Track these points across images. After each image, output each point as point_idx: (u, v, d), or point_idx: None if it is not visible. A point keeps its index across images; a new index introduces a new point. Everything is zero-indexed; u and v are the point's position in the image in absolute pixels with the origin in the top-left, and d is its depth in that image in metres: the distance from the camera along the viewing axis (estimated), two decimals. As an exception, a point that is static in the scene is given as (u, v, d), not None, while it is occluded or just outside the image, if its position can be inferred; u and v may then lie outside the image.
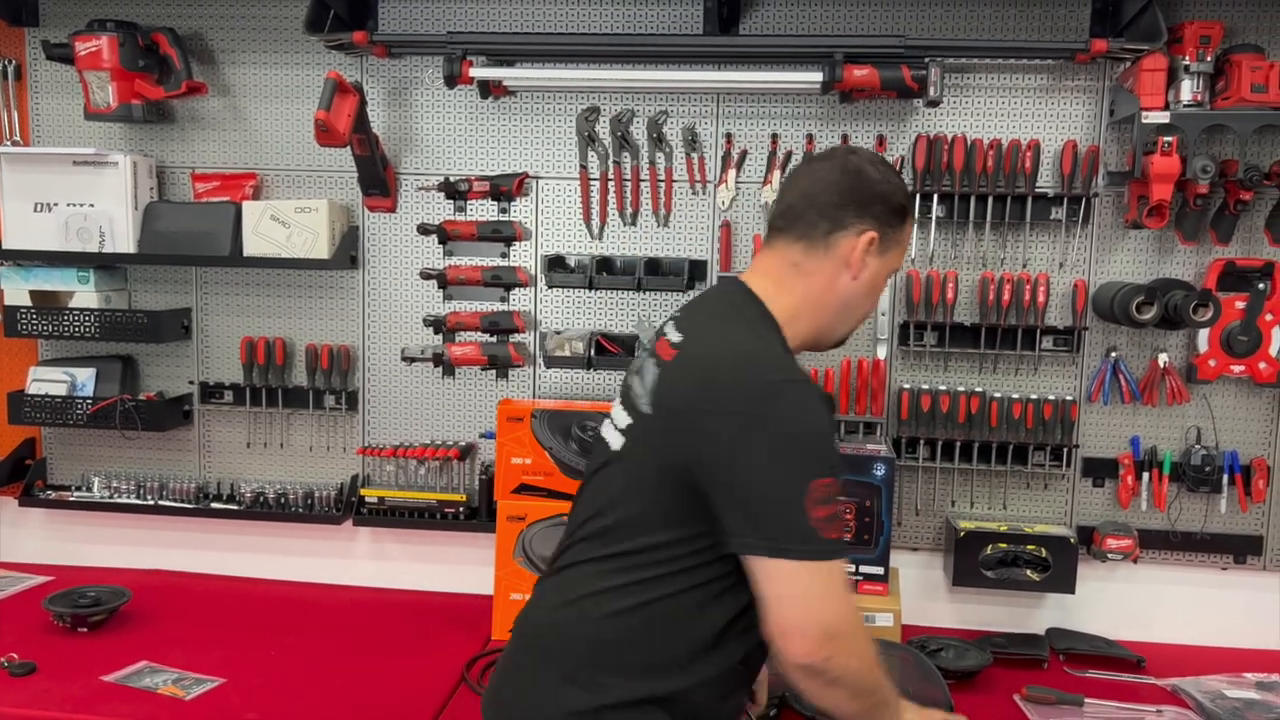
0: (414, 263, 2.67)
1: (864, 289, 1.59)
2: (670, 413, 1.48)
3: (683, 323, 1.59)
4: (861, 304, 1.63)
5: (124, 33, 2.53)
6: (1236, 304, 2.41)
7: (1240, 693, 2.20)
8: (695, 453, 1.42)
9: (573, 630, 1.52)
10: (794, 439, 1.39)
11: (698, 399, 1.44)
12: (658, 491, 1.47)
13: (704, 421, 1.42)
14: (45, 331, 2.65)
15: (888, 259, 1.60)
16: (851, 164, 1.58)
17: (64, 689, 2.09)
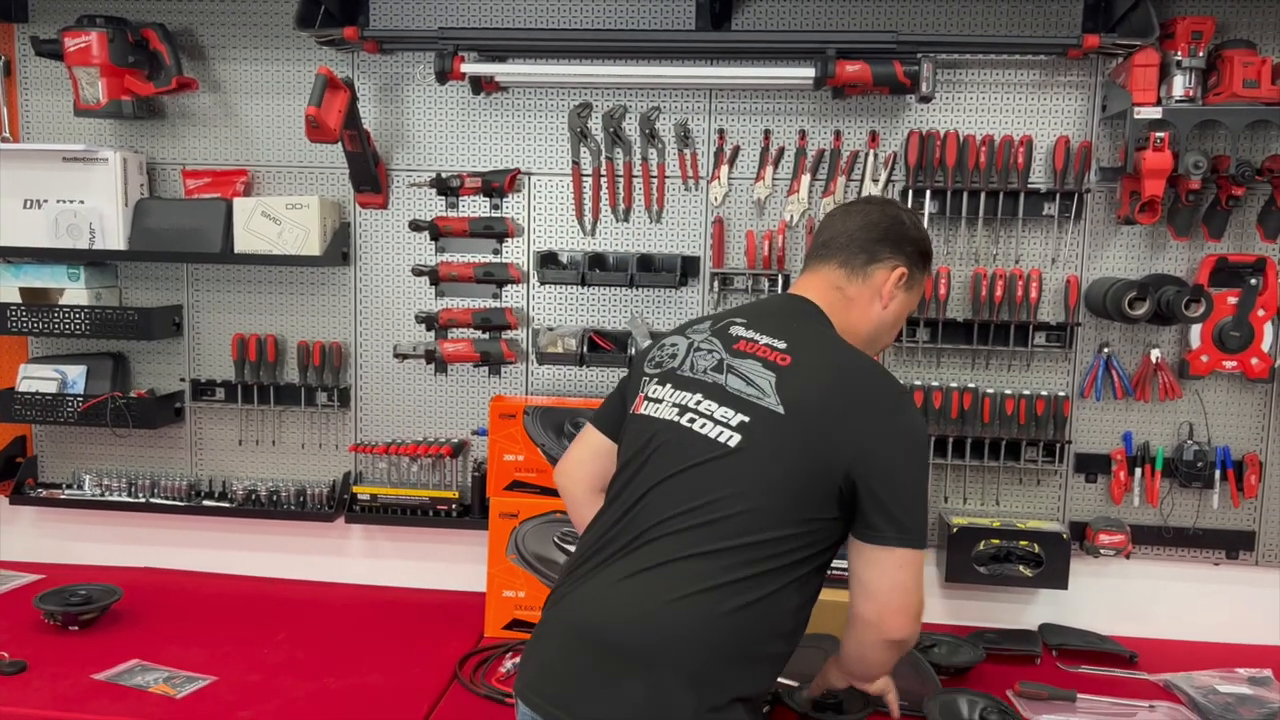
0: (406, 259, 2.66)
1: (890, 320, 1.78)
2: (815, 415, 1.58)
3: (769, 328, 1.69)
4: (886, 334, 1.82)
5: (113, 28, 2.52)
6: (1229, 299, 2.41)
7: (1232, 688, 2.20)
8: (853, 453, 1.55)
9: (691, 628, 1.51)
10: (920, 445, 1.63)
11: (846, 405, 1.58)
12: (790, 486, 1.56)
13: (860, 426, 1.56)
14: (35, 329, 2.63)
15: (910, 296, 1.79)
16: (890, 211, 1.81)
17: (55, 687, 2.09)
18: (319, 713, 2.04)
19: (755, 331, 1.68)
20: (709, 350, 1.70)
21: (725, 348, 1.68)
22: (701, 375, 1.67)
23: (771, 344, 1.65)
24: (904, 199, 2.47)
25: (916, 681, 2.14)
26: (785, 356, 1.63)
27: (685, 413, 1.64)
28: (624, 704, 1.49)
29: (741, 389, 1.62)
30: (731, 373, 1.64)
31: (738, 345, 1.67)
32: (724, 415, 1.61)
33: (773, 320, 1.71)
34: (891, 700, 1.94)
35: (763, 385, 1.61)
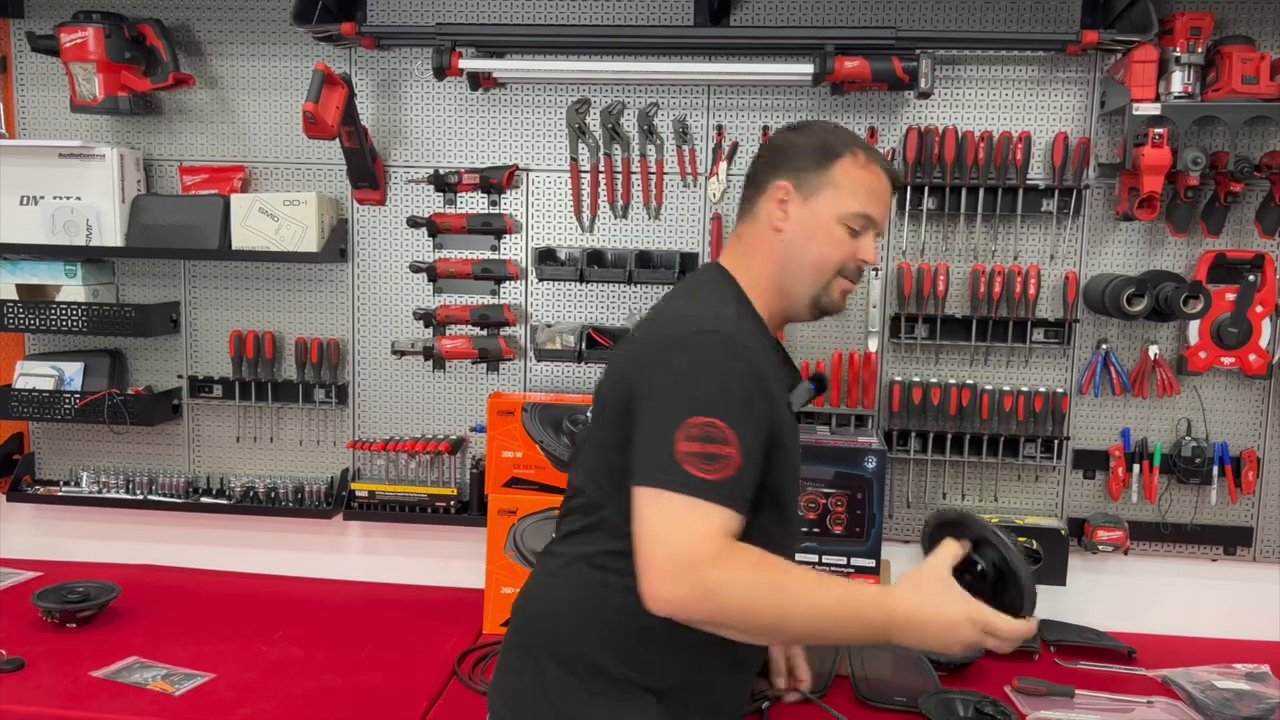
0: (404, 256, 2.65)
1: (799, 238, 1.59)
2: (613, 379, 1.56)
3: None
4: (803, 254, 1.59)
5: (110, 24, 2.51)
6: (1227, 296, 2.41)
7: (1230, 683, 2.21)
8: (628, 402, 1.46)
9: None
10: (681, 377, 1.42)
11: (632, 360, 1.52)
12: (599, 457, 1.54)
13: (632, 375, 1.49)
14: (32, 325, 2.63)
15: (818, 203, 1.58)
16: (775, 138, 1.69)
17: (53, 685, 2.08)
18: (318, 710, 2.04)
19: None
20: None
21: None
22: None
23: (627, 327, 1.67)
24: (902, 195, 2.47)
25: (914, 677, 2.15)
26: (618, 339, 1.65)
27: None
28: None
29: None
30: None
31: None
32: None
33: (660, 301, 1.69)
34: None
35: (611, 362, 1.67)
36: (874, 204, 1.60)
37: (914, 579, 1.44)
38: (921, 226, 2.49)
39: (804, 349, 2.56)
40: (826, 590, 1.39)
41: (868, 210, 1.59)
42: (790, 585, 1.37)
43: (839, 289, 1.63)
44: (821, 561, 2.32)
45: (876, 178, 1.61)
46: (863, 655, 2.19)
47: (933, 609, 1.39)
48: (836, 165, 1.58)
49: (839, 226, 1.58)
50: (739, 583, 1.33)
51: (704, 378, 1.42)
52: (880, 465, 2.31)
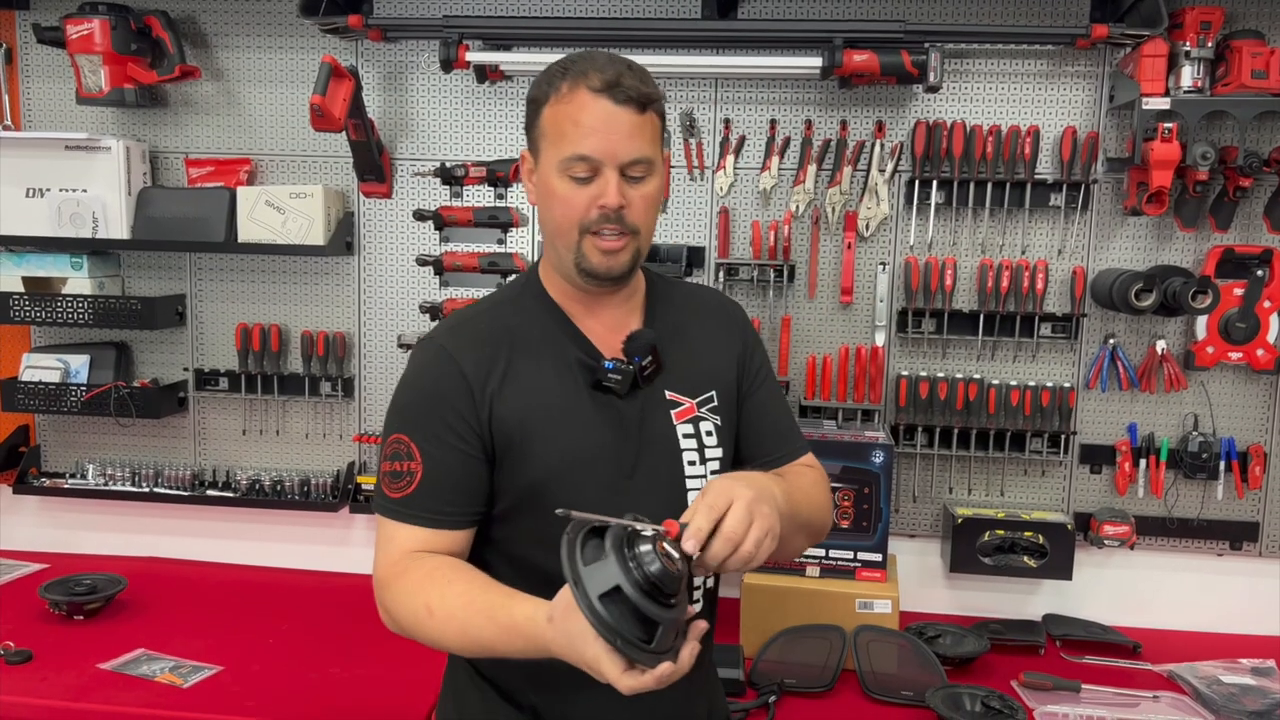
0: (410, 249, 2.65)
1: (541, 209, 1.43)
2: None
3: None
4: (547, 224, 1.42)
5: (116, 16, 2.50)
6: (1235, 291, 2.41)
7: (1236, 678, 2.21)
8: None
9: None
10: (393, 398, 1.44)
11: None
12: None
13: None
14: (38, 318, 2.63)
15: (542, 163, 1.39)
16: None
17: (61, 677, 2.09)
18: (325, 702, 2.05)
19: None
20: None
21: None
22: None
23: None
24: (910, 189, 2.47)
25: (921, 671, 2.15)
26: None
27: None
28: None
29: None
30: None
31: None
32: None
33: None
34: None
35: None
36: (583, 138, 1.33)
37: (546, 614, 1.18)
38: (929, 220, 2.49)
39: (810, 343, 2.56)
40: (468, 606, 1.27)
41: (577, 149, 1.33)
42: (437, 607, 1.28)
43: (594, 248, 1.37)
44: (828, 556, 2.32)
45: (576, 105, 1.33)
46: (869, 650, 2.19)
47: (562, 646, 1.16)
48: (543, 115, 1.38)
49: (561, 180, 1.36)
50: (401, 604, 1.33)
51: (399, 393, 1.43)
52: (887, 460, 2.31)
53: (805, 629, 2.24)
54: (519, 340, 1.43)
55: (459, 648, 1.33)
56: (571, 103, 1.34)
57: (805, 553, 2.30)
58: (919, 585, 2.57)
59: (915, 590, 2.54)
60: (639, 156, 1.35)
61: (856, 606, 2.27)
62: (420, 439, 1.36)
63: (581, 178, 1.35)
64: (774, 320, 2.55)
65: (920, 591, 2.57)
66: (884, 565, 2.32)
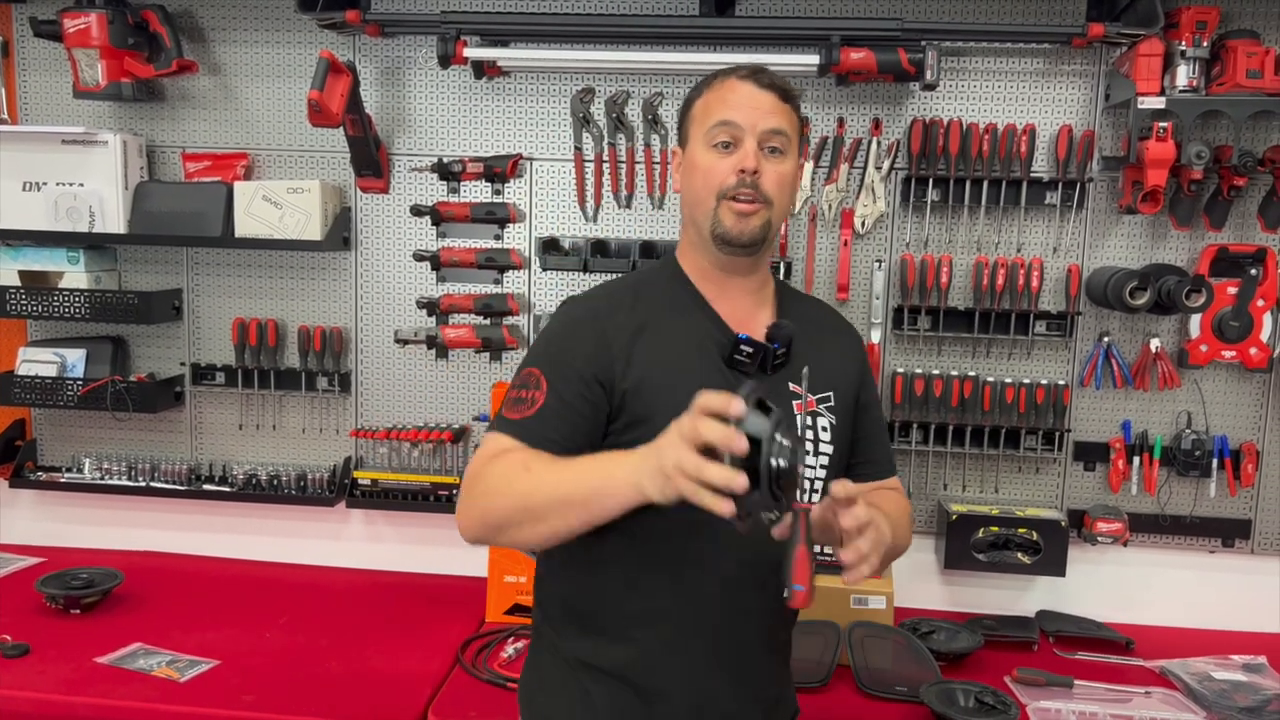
0: (407, 244, 2.65)
1: (687, 184, 1.54)
2: None
3: None
4: (692, 194, 1.53)
5: (113, 10, 2.50)
6: (1229, 289, 2.42)
7: (1227, 674, 2.23)
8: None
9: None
10: (533, 343, 1.58)
11: None
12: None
13: None
14: (35, 312, 2.62)
15: (690, 145, 1.54)
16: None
17: (58, 671, 2.09)
18: (322, 697, 2.05)
19: None
20: None
21: None
22: None
23: None
24: (906, 187, 2.48)
25: (915, 667, 2.16)
26: None
27: None
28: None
29: None
30: None
31: None
32: None
33: None
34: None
35: None
36: (726, 109, 1.49)
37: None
38: (925, 218, 2.49)
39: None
40: (569, 459, 1.37)
41: (722, 116, 1.49)
42: (534, 462, 1.38)
43: (729, 212, 1.48)
44: (823, 552, 2.33)
45: (725, 88, 1.52)
46: (864, 646, 2.20)
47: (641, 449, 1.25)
48: (694, 106, 1.56)
49: (706, 152, 1.50)
50: (495, 473, 1.39)
51: (540, 340, 1.55)
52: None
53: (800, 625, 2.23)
54: (656, 309, 1.53)
55: (536, 503, 1.34)
56: (721, 88, 1.52)
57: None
58: (913, 581, 2.58)
59: (909, 586, 2.55)
60: (777, 127, 1.49)
61: (851, 602, 2.28)
62: (550, 374, 1.45)
63: (724, 144, 1.48)
64: (770, 317, 2.56)
65: (914, 588, 2.58)
66: (879, 561, 2.32)
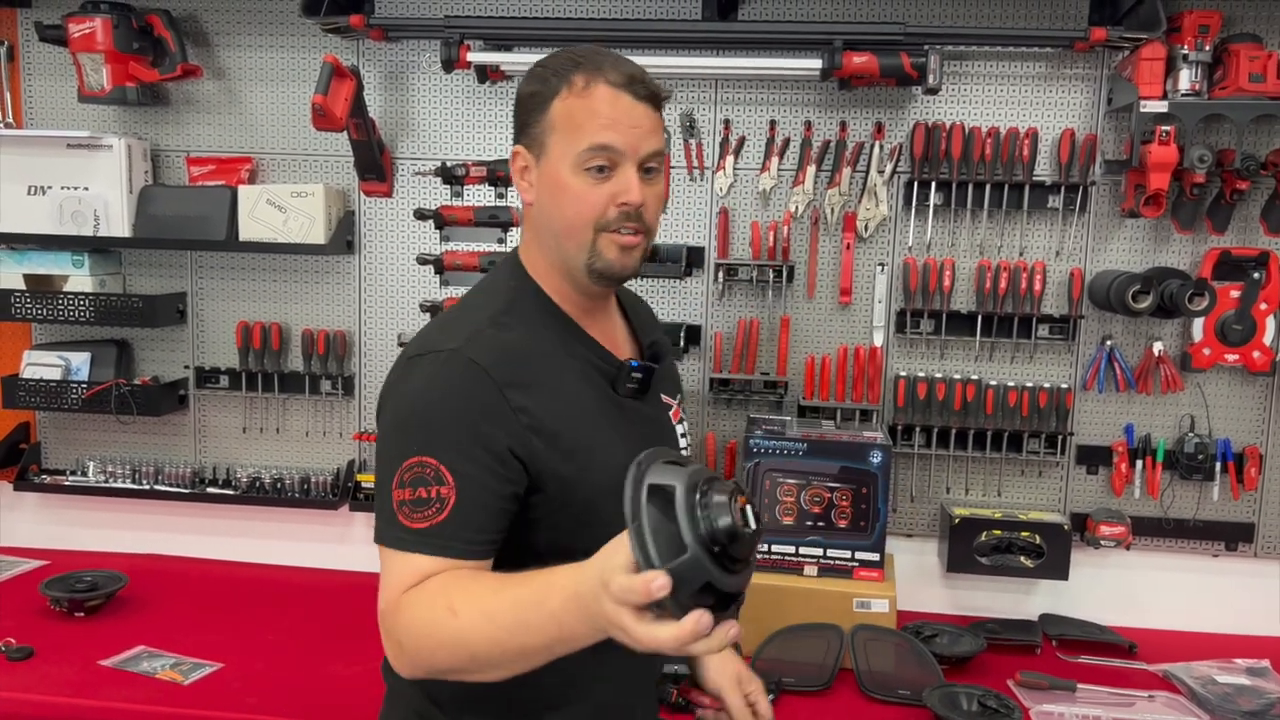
0: (410, 248, 2.66)
1: (547, 205, 1.35)
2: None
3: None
4: (554, 222, 1.34)
5: (118, 14, 2.51)
6: (1231, 293, 2.42)
7: (1231, 678, 2.22)
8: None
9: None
10: (397, 415, 1.27)
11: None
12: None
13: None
14: (39, 315, 2.63)
15: (549, 157, 1.33)
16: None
17: (62, 673, 2.10)
18: (325, 699, 2.06)
19: None
20: None
21: None
22: None
23: None
24: (909, 191, 2.48)
25: (918, 670, 2.16)
26: None
27: None
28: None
29: None
30: None
31: None
32: None
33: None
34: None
35: None
36: (601, 129, 1.29)
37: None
38: (928, 222, 2.50)
39: (809, 343, 2.57)
40: (499, 594, 1.13)
41: (598, 139, 1.29)
42: (461, 605, 1.14)
43: (611, 246, 1.33)
44: (826, 555, 2.33)
45: (596, 98, 1.29)
46: (866, 649, 2.20)
47: (582, 579, 1.04)
48: (552, 108, 1.32)
49: (577, 176, 1.30)
50: (416, 616, 1.17)
51: (416, 411, 1.25)
52: (885, 460, 2.32)
53: (803, 628, 2.26)
54: (536, 350, 1.32)
55: (486, 654, 1.12)
56: (589, 96, 1.30)
57: (803, 552, 2.33)
58: (916, 585, 2.58)
59: (912, 590, 2.55)
60: (657, 149, 1.34)
61: (854, 606, 2.28)
62: (451, 460, 1.21)
63: (598, 170, 1.30)
64: (773, 320, 2.56)
65: (917, 591, 2.58)
66: (881, 565, 2.33)
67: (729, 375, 2.56)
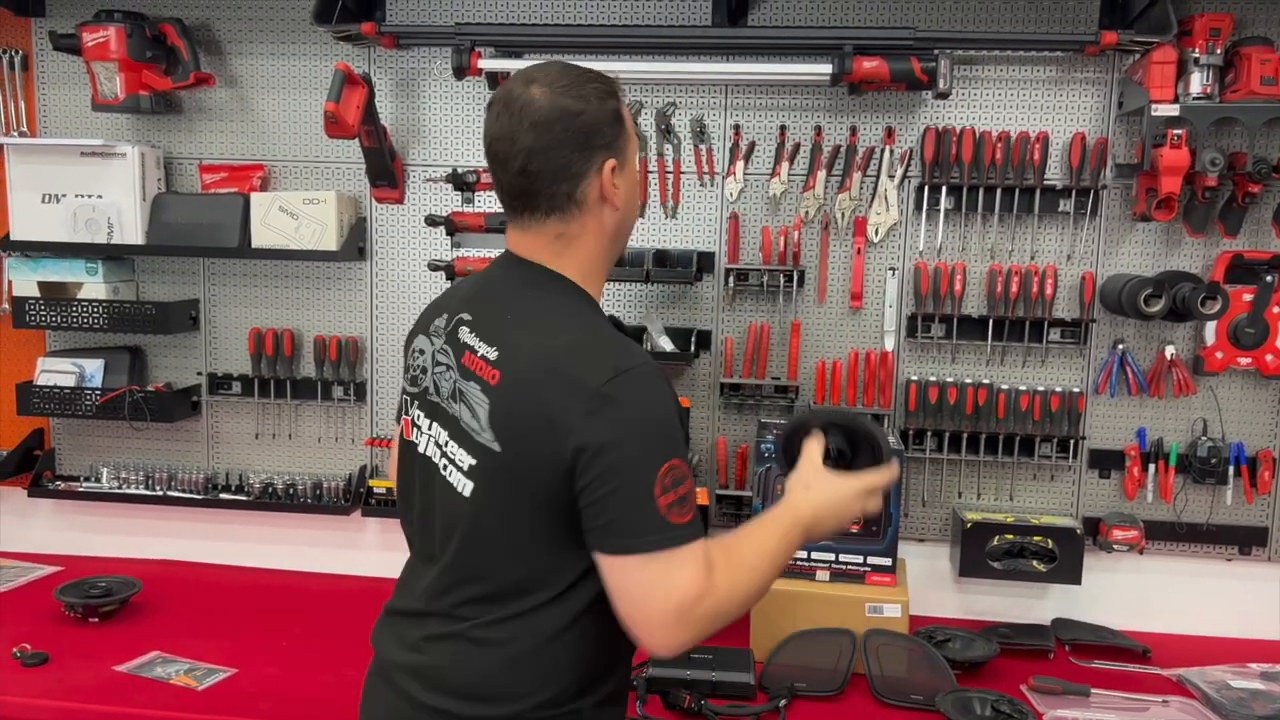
0: (422, 254, 2.67)
1: (626, 206, 1.49)
2: (524, 441, 1.36)
3: (488, 327, 1.44)
4: (628, 221, 1.53)
5: (131, 23, 2.53)
6: (1244, 296, 2.41)
7: (1245, 683, 2.21)
8: (565, 469, 1.33)
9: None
10: (634, 426, 1.33)
11: (548, 419, 1.33)
12: (518, 525, 1.39)
13: (564, 436, 1.32)
14: (53, 322, 2.65)
15: (628, 162, 1.48)
16: (546, 113, 1.39)
17: (76, 679, 2.11)
18: (339, 704, 2.06)
19: (477, 337, 1.44)
20: (445, 365, 1.47)
21: (456, 362, 1.45)
22: (446, 403, 1.46)
23: (486, 356, 1.41)
24: (919, 195, 2.48)
25: (931, 675, 2.16)
26: (495, 372, 1.39)
27: (440, 454, 1.46)
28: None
29: (470, 423, 1.41)
30: (463, 402, 1.43)
31: (465, 360, 1.44)
32: (461, 459, 1.42)
33: (492, 313, 1.46)
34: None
35: (480, 415, 1.40)
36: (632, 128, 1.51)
37: (802, 482, 1.52)
38: (939, 226, 2.50)
39: (820, 347, 2.57)
40: (767, 541, 1.45)
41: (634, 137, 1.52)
42: (754, 559, 1.42)
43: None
44: (838, 560, 2.33)
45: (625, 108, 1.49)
46: (879, 654, 2.20)
47: (827, 499, 1.50)
48: (623, 118, 1.47)
49: (637, 172, 1.57)
50: (727, 590, 1.36)
51: (659, 418, 1.36)
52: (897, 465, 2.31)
53: (815, 633, 2.25)
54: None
55: (767, 585, 1.44)
56: (629, 115, 1.50)
57: (815, 557, 2.33)
58: (928, 589, 2.58)
59: (925, 594, 2.55)
60: None
61: (866, 610, 2.28)
62: (685, 456, 1.37)
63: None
64: (784, 325, 2.56)
65: (929, 595, 2.58)
66: (893, 569, 2.33)
67: (740, 380, 2.57)
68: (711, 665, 2.17)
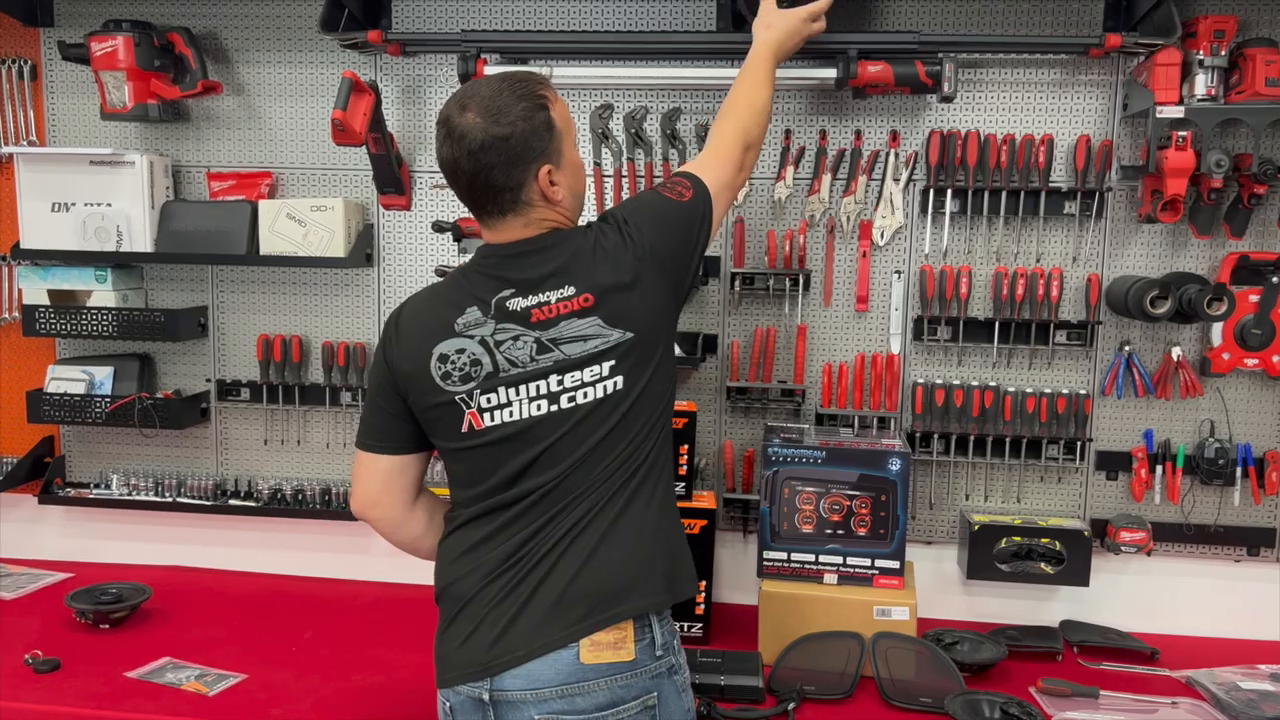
0: (429, 260, 2.68)
1: (571, 188, 1.69)
2: (648, 281, 1.66)
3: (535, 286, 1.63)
4: (577, 192, 1.73)
5: (139, 33, 2.54)
6: (1250, 297, 2.41)
7: (1254, 684, 2.21)
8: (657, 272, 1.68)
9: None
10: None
11: (646, 247, 1.67)
12: (664, 375, 1.72)
13: (653, 241, 1.69)
14: (63, 330, 2.66)
15: (564, 157, 1.66)
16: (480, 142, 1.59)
17: (88, 685, 2.12)
18: (349, 709, 2.07)
19: (534, 295, 1.62)
20: (513, 337, 1.62)
21: (528, 325, 1.62)
22: (534, 362, 1.62)
23: (563, 296, 1.61)
24: (925, 198, 2.49)
25: (939, 678, 2.16)
26: (585, 297, 1.61)
27: (561, 393, 1.62)
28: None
29: (590, 346, 1.61)
30: (561, 344, 1.61)
31: (537, 316, 1.62)
32: (594, 374, 1.62)
33: (527, 274, 1.63)
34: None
35: (598, 330, 1.62)
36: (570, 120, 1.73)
37: (764, 24, 2.12)
38: (944, 229, 2.50)
39: (826, 350, 2.57)
40: (759, 80, 2.04)
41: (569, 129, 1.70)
42: (752, 97, 2.01)
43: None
44: (846, 563, 2.33)
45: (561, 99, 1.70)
46: (888, 657, 2.20)
47: (784, 30, 2.11)
48: (554, 115, 1.65)
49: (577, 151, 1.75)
50: (760, 127, 2.02)
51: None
52: (904, 467, 2.32)
53: (824, 636, 2.26)
54: None
55: (769, 97, 2.05)
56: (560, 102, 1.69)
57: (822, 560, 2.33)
58: (936, 592, 2.58)
59: (932, 597, 2.55)
60: None
61: (874, 613, 2.28)
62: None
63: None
64: (790, 329, 2.57)
65: (937, 598, 2.58)
66: (901, 572, 2.33)
67: (746, 384, 2.57)
68: (720, 669, 2.17)
